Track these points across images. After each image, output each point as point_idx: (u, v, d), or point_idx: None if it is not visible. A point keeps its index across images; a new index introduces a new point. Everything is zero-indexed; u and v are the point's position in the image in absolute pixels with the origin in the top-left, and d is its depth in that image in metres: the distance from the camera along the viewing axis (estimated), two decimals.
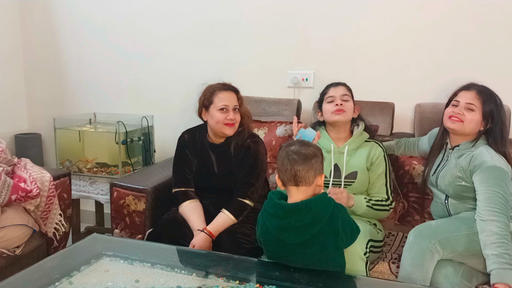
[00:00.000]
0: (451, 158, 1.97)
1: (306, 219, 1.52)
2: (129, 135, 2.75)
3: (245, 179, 2.10)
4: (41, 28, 3.31)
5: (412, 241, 1.75)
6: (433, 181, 2.04)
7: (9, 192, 2.02)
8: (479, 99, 1.90)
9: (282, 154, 1.61)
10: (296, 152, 1.57)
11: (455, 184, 1.90)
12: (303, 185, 1.57)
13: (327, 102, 2.14)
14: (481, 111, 1.90)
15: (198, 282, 1.52)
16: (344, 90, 2.14)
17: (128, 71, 3.14)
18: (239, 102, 2.14)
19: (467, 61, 2.44)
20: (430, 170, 2.06)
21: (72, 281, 1.52)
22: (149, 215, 2.24)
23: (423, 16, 2.49)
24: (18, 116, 3.40)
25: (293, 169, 1.55)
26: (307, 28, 2.70)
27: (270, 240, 1.60)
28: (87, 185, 2.81)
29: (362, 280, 1.62)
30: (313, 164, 1.56)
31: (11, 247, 2.06)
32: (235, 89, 2.16)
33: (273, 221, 1.57)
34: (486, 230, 1.70)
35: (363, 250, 1.78)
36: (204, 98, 2.13)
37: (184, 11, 2.95)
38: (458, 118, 1.91)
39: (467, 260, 1.75)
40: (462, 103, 1.93)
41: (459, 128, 1.92)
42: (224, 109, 2.08)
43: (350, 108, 2.12)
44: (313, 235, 1.53)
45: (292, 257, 1.58)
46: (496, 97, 1.93)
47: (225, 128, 2.10)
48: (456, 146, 1.96)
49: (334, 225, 1.54)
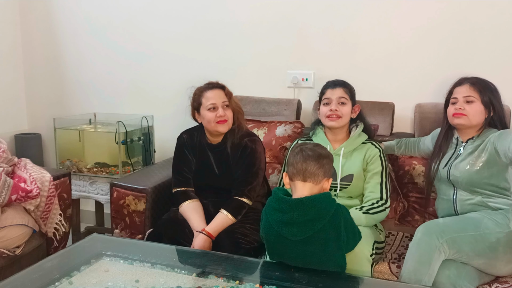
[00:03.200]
0: (466, 150, 1.97)
1: (309, 215, 1.52)
2: (129, 135, 2.75)
3: (242, 177, 2.10)
4: (41, 28, 3.31)
5: (420, 238, 1.74)
6: (443, 174, 2.01)
7: (9, 192, 2.02)
8: (475, 90, 1.94)
9: (296, 150, 1.63)
10: (311, 149, 1.61)
11: (472, 171, 1.90)
12: (310, 182, 1.58)
13: (323, 104, 2.08)
14: (481, 100, 1.93)
15: (198, 282, 1.52)
16: (341, 92, 2.05)
17: (128, 71, 3.15)
18: (227, 98, 2.13)
19: (467, 61, 2.44)
20: (439, 165, 2.04)
21: (72, 281, 1.52)
22: (149, 215, 2.24)
23: (423, 16, 2.49)
24: (18, 116, 3.40)
25: (304, 163, 1.57)
26: (307, 28, 2.70)
27: (272, 236, 1.60)
28: (87, 185, 2.81)
29: (362, 280, 1.62)
30: (324, 164, 1.59)
31: (11, 247, 2.06)
32: (221, 85, 2.15)
33: (276, 215, 1.57)
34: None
35: (369, 252, 1.78)
36: (194, 101, 2.14)
37: (184, 11, 2.95)
38: (461, 113, 1.94)
39: (472, 260, 1.75)
40: (460, 98, 1.95)
41: (466, 121, 1.94)
42: (213, 108, 2.08)
43: (346, 112, 2.05)
44: (315, 232, 1.52)
45: (293, 254, 1.58)
46: (489, 84, 1.97)
47: (218, 126, 2.09)
48: (470, 139, 1.98)
49: (336, 224, 1.54)
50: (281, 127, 2.52)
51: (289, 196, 1.61)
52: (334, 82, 2.11)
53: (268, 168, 2.43)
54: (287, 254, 1.59)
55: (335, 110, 2.03)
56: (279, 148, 2.48)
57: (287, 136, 2.48)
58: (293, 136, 2.47)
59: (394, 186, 2.28)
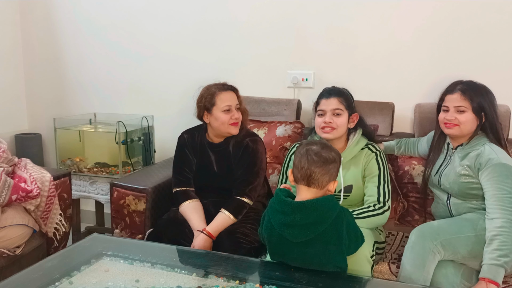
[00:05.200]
0: (454, 157, 1.97)
1: (311, 218, 1.51)
2: (129, 135, 2.75)
3: (243, 177, 2.10)
4: (41, 28, 3.31)
5: (414, 241, 1.74)
6: (435, 182, 2.03)
7: (9, 192, 2.02)
8: (465, 99, 1.90)
9: (301, 151, 1.58)
10: (316, 153, 1.55)
11: (460, 181, 1.90)
12: (314, 187, 1.55)
13: (318, 115, 2.02)
14: (471, 109, 1.90)
15: (198, 282, 1.52)
16: (336, 103, 1.98)
17: (128, 71, 3.15)
18: (239, 100, 2.16)
19: (467, 61, 2.44)
20: (431, 171, 2.06)
21: (72, 281, 1.52)
22: (149, 215, 2.25)
23: (423, 16, 2.49)
24: (18, 116, 3.40)
25: (309, 169, 1.54)
26: (307, 28, 2.70)
27: (273, 237, 1.60)
28: (87, 185, 2.81)
29: (362, 280, 1.62)
30: (330, 169, 1.55)
31: (11, 247, 2.06)
32: (234, 88, 2.17)
33: (278, 217, 1.57)
34: (490, 227, 1.71)
35: (370, 253, 1.78)
36: (205, 101, 2.13)
37: (184, 11, 2.95)
38: (453, 124, 1.92)
39: (469, 261, 1.75)
40: (451, 108, 1.93)
41: (457, 132, 1.93)
42: (228, 110, 2.09)
43: (341, 123, 1.98)
44: (317, 235, 1.52)
45: (293, 255, 1.58)
46: (481, 88, 1.93)
47: (231, 128, 2.10)
48: (459, 146, 1.97)
49: (338, 228, 1.53)
50: (281, 127, 2.52)
51: (291, 197, 1.61)
52: (329, 92, 2.04)
53: (268, 168, 2.43)
54: (288, 255, 1.60)
55: (329, 122, 1.97)
56: (279, 148, 2.48)
57: (287, 136, 2.48)
58: (293, 136, 2.47)
59: (394, 186, 2.28)
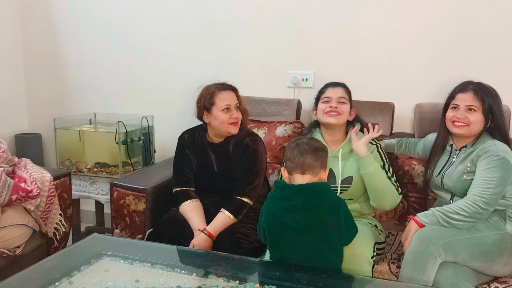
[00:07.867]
0: (458, 158, 1.96)
1: (312, 202, 1.58)
2: (129, 135, 2.75)
3: (243, 177, 2.10)
4: (41, 28, 3.31)
5: (414, 245, 1.73)
6: (437, 182, 2.02)
7: (9, 192, 2.02)
8: (477, 99, 1.91)
9: (291, 146, 1.70)
10: (306, 143, 1.68)
11: (463, 179, 1.90)
12: (309, 174, 1.64)
13: (323, 102, 2.07)
14: (482, 110, 1.90)
15: (198, 282, 1.52)
16: (342, 92, 2.06)
17: (128, 71, 3.14)
18: (238, 100, 2.16)
19: (467, 61, 2.44)
20: (433, 171, 2.05)
21: (72, 281, 1.52)
22: (149, 215, 2.25)
23: (423, 16, 2.49)
24: (18, 116, 3.40)
25: (302, 157, 1.64)
26: (306, 28, 2.70)
27: (275, 226, 1.63)
28: (87, 185, 2.81)
29: (362, 280, 1.62)
30: (320, 156, 1.67)
31: (11, 247, 2.06)
32: (233, 87, 2.18)
33: (279, 204, 1.63)
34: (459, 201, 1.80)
35: (370, 254, 1.78)
36: (205, 100, 2.13)
37: (184, 11, 2.95)
38: (463, 123, 1.92)
39: (469, 263, 1.75)
40: (462, 106, 1.93)
41: (466, 132, 1.92)
42: (227, 109, 2.09)
43: (346, 110, 2.04)
44: (317, 220, 1.58)
45: (295, 246, 1.60)
46: (491, 91, 1.94)
47: (230, 127, 2.11)
48: (464, 147, 1.96)
49: (336, 212, 1.61)
50: (281, 127, 2.52)
51: None
52: (335, 82, 2.13)
53: (268, 168, 2.43)
54: (289, 246, 1.61)
55: (335, 108, 2.03)
56: (279, 148, 2.48)
57: (287, 136, 2.48)
58: (293, 136, 2.47)
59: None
